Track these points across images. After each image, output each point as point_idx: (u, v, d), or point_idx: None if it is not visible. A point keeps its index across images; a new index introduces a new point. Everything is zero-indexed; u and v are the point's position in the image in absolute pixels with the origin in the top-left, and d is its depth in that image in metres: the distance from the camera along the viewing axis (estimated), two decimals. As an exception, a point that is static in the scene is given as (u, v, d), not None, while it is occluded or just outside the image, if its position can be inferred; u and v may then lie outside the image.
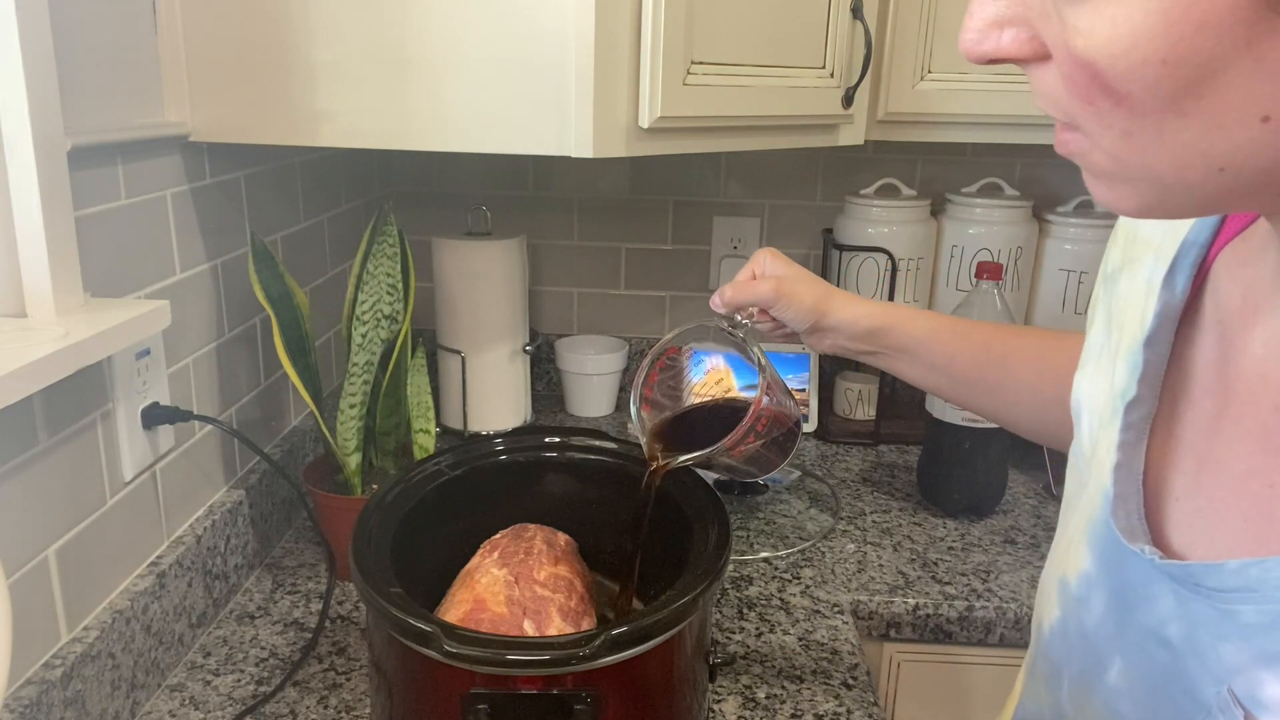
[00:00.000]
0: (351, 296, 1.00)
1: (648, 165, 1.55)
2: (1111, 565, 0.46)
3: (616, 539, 0.86)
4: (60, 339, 0.66)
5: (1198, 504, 0.43)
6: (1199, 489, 0.43)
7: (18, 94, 0.66)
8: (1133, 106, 0.32)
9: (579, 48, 0.82)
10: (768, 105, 0.99)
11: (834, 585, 1.05)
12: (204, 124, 0.89)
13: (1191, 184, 0.34)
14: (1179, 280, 0.47)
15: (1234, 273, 0.45)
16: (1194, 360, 0.46)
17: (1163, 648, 0.42)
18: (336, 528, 1.01)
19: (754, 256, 0.84)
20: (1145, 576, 0.43)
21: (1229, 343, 0.44)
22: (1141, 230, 0.53)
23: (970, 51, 0.36)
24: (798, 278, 0.81)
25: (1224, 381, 0.44)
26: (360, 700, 0.85)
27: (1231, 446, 0.42)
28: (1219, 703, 0.38)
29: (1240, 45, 0.29)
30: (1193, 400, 0.45)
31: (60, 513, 0.74)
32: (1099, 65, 0.32)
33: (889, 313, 0.79)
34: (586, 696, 0.60)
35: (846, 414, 1.49)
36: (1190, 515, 0.43)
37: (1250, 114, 0.31)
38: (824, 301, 0.79)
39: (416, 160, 1.55)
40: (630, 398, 0.77)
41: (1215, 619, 0.39)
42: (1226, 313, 0.45)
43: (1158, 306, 0.47)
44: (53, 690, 0.70)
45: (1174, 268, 0.47)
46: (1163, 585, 0.42)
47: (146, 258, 0.86)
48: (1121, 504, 0.46)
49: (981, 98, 1.18)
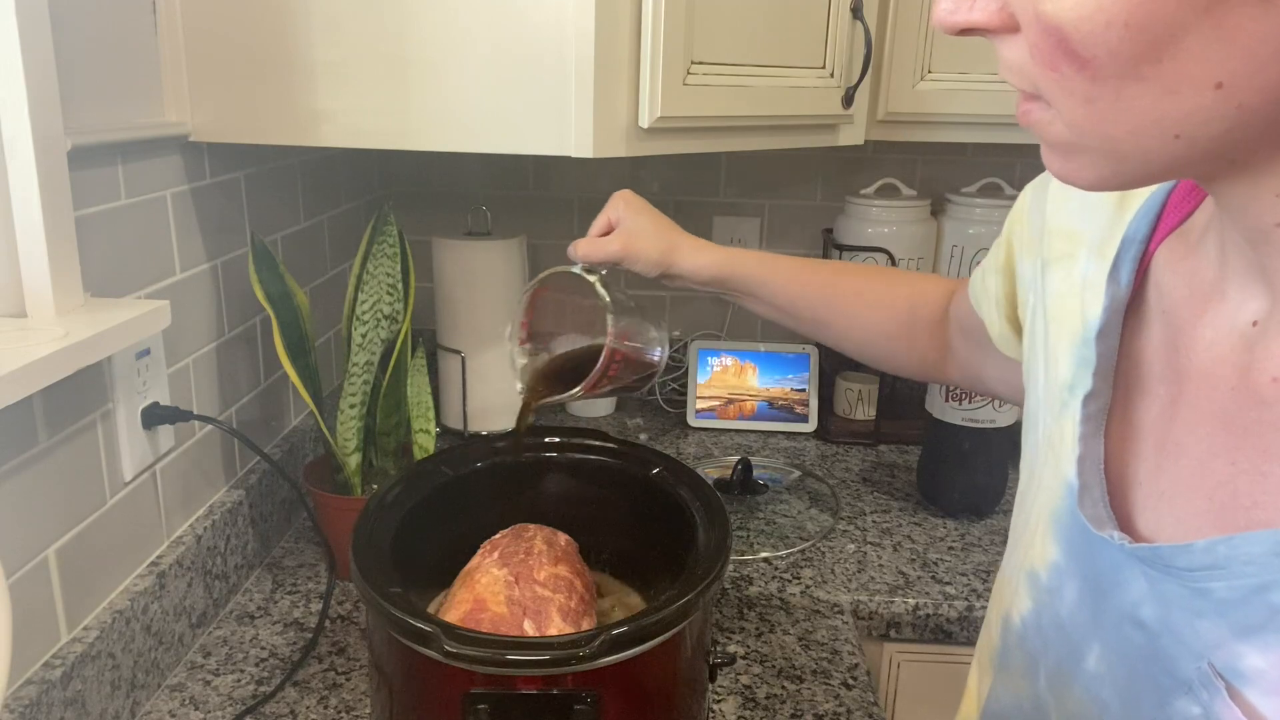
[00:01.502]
0: (351, 296, 1.00)
1: (648, 165, 1.55)
2: (1080, 554, 0.47)
3: (616, 539, 0.86)
4: (60, 339, 0.66)
5: (1160, 487, 0.44)
6: (1160, 473, 0.44)
7: (18, 94, 0.66)
8: (1095, 71, 0.33)
9: (579, 48, 0.82)
10: (768, 105, 0.99)
11: (834, 585, 1.05)
12: (204, 124, 0.89)
13: (1148, 151, 0.35)
14: (1123, 275, 0.48)
15: (1175, 266, 0.47)
16: (1142, 350, 0.48)
17: (1138, 630, 0.43)
18: (336, 528, 1.01)
19: (609, 202, 0.85)
20: (1115, 562, 0.44)
21: (1177, 332, 0.45)
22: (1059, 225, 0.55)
23: (944, 22, 0.38)
24: (645, 230, 0.83)
25: (1176, 369, 0.45)
26: (360, 700, 0.85)
27: (1191, 430, 0.43)
28: (1200, 677, 0.39)
29: (1200, 10, 0.30)
30: (1146, 389, 0.47)
31: (60, 513, 0.74)
32: (1065, 29, 0.33)
33: (732, 261, 0.83)
34: (586, 696, 0.60)
35: (846, 414, 1.49)
36: (1154, 499, 0.45)
37: (1205, 80, 0.32)
38: (669, 254, 0.83)
39: (416, 160, 1.55)
40: (508, 337, 0.82)
41: (1188, 597, 0.40)
42: (1172, 303, 0.46)
43: (1106, 301, 0.48)
44: (53, 690, 0.70)
45: (1117, 263, 0.49)
46: (1133, 569, 0.43)
47: (146, 258, 0.86)
48: (1087, 493, 0.47)
49: (981, 98, 1.18)
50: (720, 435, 1.47)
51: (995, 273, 0.67)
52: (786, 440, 1.46)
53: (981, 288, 0.70)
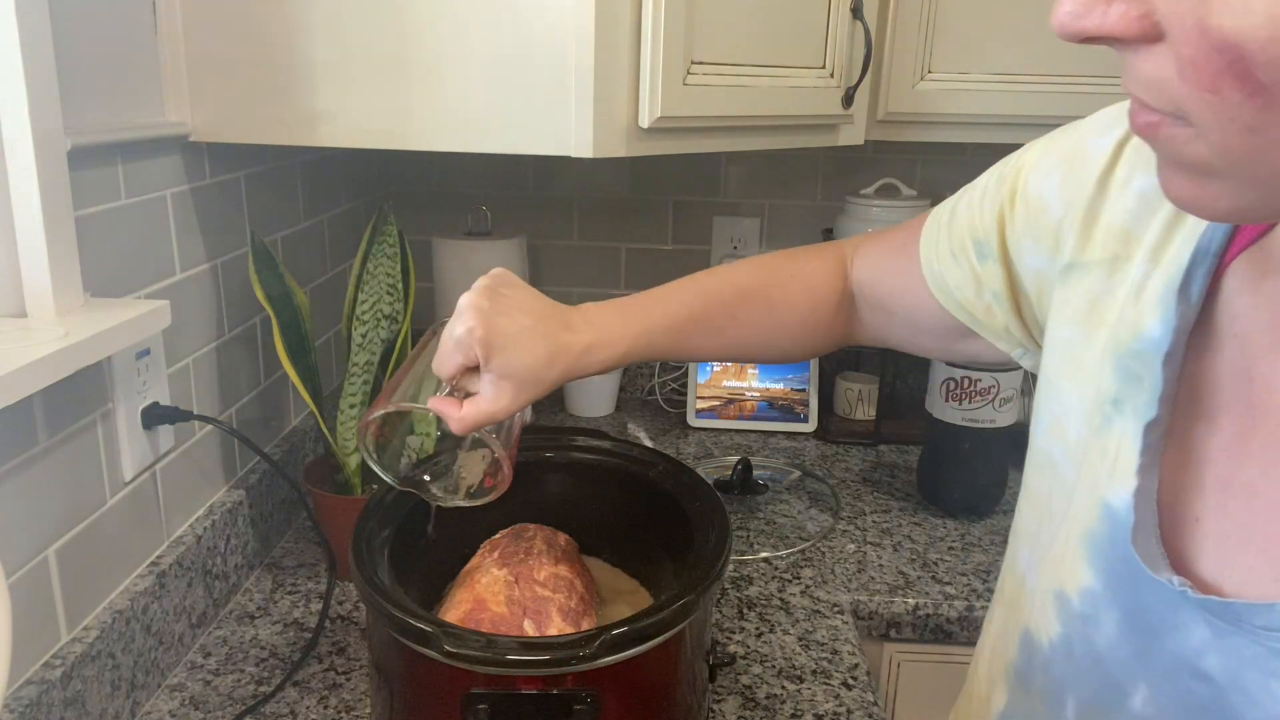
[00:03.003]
0: (351, 296, 1.00)
1: (648, 165, 1.55)
2: (1122, 586, 0.44)
3: (617, 539, 0.86)
4: (60, 339, 0.66)
5: (1224, 529, 0.41)
6: (1226, 515, 0.41)
7: (18, 94, 0.66)
8: (1270, 99, 0.29)
9: (579, 48, 0.82)
10: (768, 105, 0.99)
11: (834, 585, 1.05)
12: (204, 124, 0.89)
13: None
14: (1194, 291, 0.43)
15: (1254, 285, 0.42)
16: (1205, 374, 0.43)
17: (1201, 681, 0.40)
18: (336, 528, 1.01)
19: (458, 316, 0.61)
20: (1168, 603, 0.41)
21: (1253, 361, 0.41)
22: (1112, 223, 0.49)
23: (1067, 28, 0.32)
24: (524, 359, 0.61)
25: (1249, 402, 0.41)
26: (360, 700, 0.85)
27: (1266, 472, 0.40)
28: None
29: None
30: (1210, 418, 0.43)
31: (60, 513, 0.74)
32: (1246, 48, 0.28)
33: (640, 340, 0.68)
34: (586, 696, 0.60)
35: (846, 414, 1.49)
36: (1217, 541, 0.41)
37: None
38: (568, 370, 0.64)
39: (416, 160, 1.55)
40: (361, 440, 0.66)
41: (1263, 656, 0.37)
42: (1247, 328, 0.42)
43: (1175, 321, 0.44)
44: (53, 690, 0.70)
45: (1188, 279, 0.44)
46: (1193, 615, 0.40)
47: (146, 258, 0.86)
48: (1141, 530, 0.43)
49: (981, 98, 1.18)
50: (720, 435, 1.47)
51: (989, 260, 0.60)
52: (786, 440, 1.46)
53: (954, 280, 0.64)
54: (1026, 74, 1.16)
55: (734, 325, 0.73)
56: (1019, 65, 1.16)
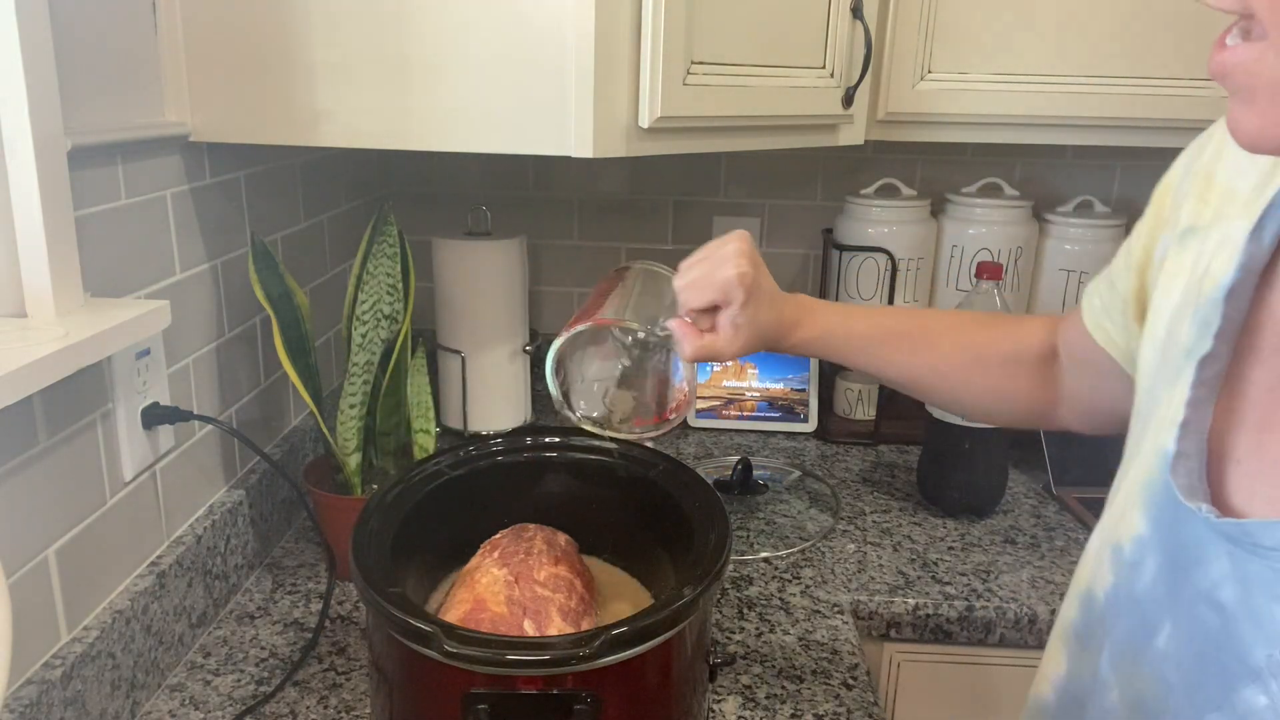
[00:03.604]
0: (351, 296, 1.00)
1: (648, 165, 1.55)
2: (1166, 526, 0.45)
3: (617, 539, 0.86)
4: (60, 339, 0.66)
5: (1260, 466, 0.41)
6: (1261, 451, 0.42)
7: (18, 94, 0.66)
8: None
9: (579, 48, 0.82)
10: (768, 105, 0.99)
11: (834, 585, 1.05)
12: (204, 124, 0.89)
13: None
14: (1267, 234, 0.44)
15: None
16: (1266, 317, 0.44)
17: (1214, 611, 0.40)
18: (336, 528, 1.01)
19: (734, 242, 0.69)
20: (1200, 537, 0.42)
21: None
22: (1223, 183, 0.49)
23: None
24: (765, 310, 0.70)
25: None
26: (360, 700, 0.85)
27: None
28: (1270, 666, 0.37)
29: None
30: (1262, 358, 0.43)
31: (60, 513, 0.74)
32: None
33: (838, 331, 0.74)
34: (586, 696, 0.60)
35: (846, 414, 1.49)
36: (1251, 478, 0.42)
37: None
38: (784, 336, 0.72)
39: (416, 160, 1.55)
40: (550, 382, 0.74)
41: (1271, 580, 0.38)
42: None
43: (1242, 259, 0.44)
44: (53, 690, 0.70)
45: (1263, 221, 0.44)
46: (1218, 546, 0.41)
47: (146, 258, 0.86)
48: (1183, 461, 0.44)
49: (981, 98, 1.18)
50: (720, 435, 1.47)
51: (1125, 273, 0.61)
52: (786, 440, 1.46)
53: (1101, 306, 0.64)
54: (1026, 74, 1.16)
55: (930, 350, 0.75)
56: (1019, 65, 1.16)
